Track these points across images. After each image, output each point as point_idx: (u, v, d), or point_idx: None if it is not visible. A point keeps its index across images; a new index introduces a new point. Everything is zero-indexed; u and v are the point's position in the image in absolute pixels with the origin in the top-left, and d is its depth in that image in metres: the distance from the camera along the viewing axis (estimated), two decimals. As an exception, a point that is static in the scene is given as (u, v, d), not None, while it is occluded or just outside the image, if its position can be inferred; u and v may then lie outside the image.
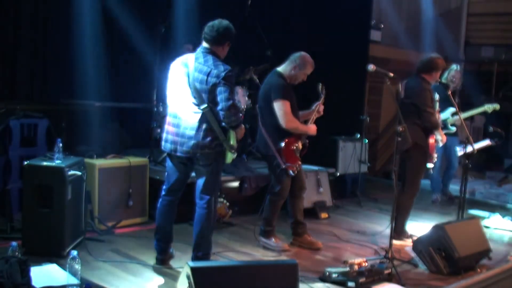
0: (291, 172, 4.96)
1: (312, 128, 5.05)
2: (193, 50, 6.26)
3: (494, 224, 6.35)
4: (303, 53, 5.05)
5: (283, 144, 4.91)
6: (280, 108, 4.87)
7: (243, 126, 4.22)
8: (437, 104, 5.67)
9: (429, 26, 10.93)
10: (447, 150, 7.15)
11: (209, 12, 7.39)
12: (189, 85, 4.09)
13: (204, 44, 4.18)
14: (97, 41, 6.53)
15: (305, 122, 5.13)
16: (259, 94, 5.20)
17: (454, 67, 7.17)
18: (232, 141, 4.14)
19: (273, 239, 5.11)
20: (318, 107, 5.15)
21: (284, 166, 4.92)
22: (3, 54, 5.72)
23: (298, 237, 5.23)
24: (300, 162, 5.04)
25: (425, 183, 9.40)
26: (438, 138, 5.45)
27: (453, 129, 6.95)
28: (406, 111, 5.21)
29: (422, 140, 5.34)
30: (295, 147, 4.95)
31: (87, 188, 4.86)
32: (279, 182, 5.02)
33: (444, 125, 6.96)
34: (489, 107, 7.33)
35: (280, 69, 5.09)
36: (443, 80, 7.15)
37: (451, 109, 6.87)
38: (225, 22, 4.21)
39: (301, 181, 5.19)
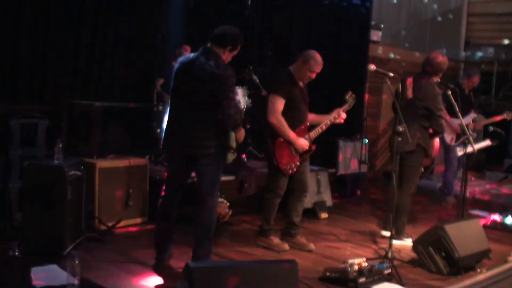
0: (284, 170, 4.90)
1: (298, 142, 4.89)
2: (190, 51, 6.30)
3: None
4: (311, 50, 4.99)
5: (277, 141, 4.87)
6: (271, 101, 4.86)
7: (243, 129, 4.23)
8: None
9: (429, 26, 10.94)
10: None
11: (209, 12, 7.44)
12: (191, 85, 4.09)
13: (208, 44, 4.18)
14: (97, 41, 6.53)
15: (313, 127, 5.07)
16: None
17: (474, 71, 7.28)
18: (232, 142, 4.14)
19: (273, 239, 5.09)
20: (338, 114, 5.10)
21: (275, 163, 4.88)
22: (3, 54, 5.72)
23: (290, 237, 5.17)
24: (298, 163, 4.98)
25: (424, 183, 9.41)
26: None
27: (473, 134, 6.91)
28: (414, 113, 5.21)
29: (426, 143, 5.36)
30: (292, 147, 4.91)
31: (87, 188, 4.86)
32: (273, 179, 5.00)
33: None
34: (508, 114, 7.37)
35: (291, 67, 5.04)
36: (463, 84, 7.18)
37: (472, 115, 6.92)
38: (235, 29, 4.25)
39: (303, 183, 5.12)
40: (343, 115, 5.15)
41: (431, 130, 5.42)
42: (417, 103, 5.31)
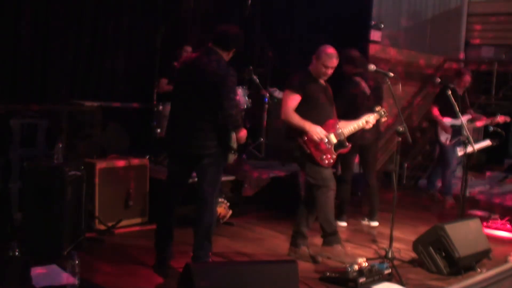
0: (320, 163, 4.58)
1: (312, 129, 4.54)
2: (192, 51, 6.30)
3: None
4: (324, 45, 4.75)
5: (308, 135, 4.58)
6: (283, 98, 4.74)
7: (244, 129, 4.22)
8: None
9: (429, 26, 10.94)
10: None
11: (210, 12, 7.45)
12: (192, 85, 4.09)
13: (211, 45, 4.18)
14: (97, 41, 6.54)
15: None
16: None
17: (463, 70, 7.26)
18: (232, 143, 4.15)
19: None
20: (369, 119, 4.94)
21: (314, 157, 4.57)
22: (3, 54, 5.72)
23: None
24: (335, 156, 4.67)
25: (424, 183, 9.38)
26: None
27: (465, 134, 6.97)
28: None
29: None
30: (327, 139, 4.62)
31: (87, 188, 4.86)
32: (315, 174, 4.61)
33: (459, 130, 7.00)
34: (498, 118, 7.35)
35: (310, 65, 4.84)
36: (455, 85, 7.17)
37: (467, 116, 6.95)
38: (236, 30, 4.23)
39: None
40: (372, 121, 4.96)
41: None
42: (376, 97, 5.68)
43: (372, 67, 4.79)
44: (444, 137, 7.15)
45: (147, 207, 5.57)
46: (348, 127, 4.83)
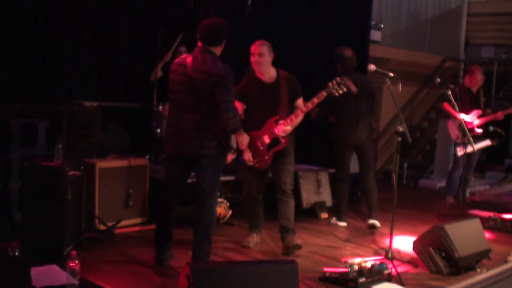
0: (257, 163, 4.78)
1: (242, 139, 4.33)
2: (187, 52, 6.29)
3: None
4: None
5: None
6: None
7: (245, 134, 4.21)
8: None
9: (429, 26, 10.94)
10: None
11: (209, 11, 7.44)
12: (189, 86, 4.09)
13: (201, 44, 4.17)
14: (97, 40, 6.53)
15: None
16: None
17: (474, 69, 7.21)
18: (232, 142, 4.14)
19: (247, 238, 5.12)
20: (312, 103, 4.80)
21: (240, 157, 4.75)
22: (3, 54, 5.72)
23: (282, 242, 4.95)
24: (267, 157, 4.78)
25: (424, 183, 9.40)
26: None
27: (479, 130, 6.92)
28: (365, 109, 5.28)
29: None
30: (260, 141, 4.77)
31: (87, 188, 4.86)
32: (242, 176, 5.12)
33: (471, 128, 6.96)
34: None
35: None
36: (468, 84, 7.13)
37: (476, 112, 6.92)
38: (220, 21, 4.19)
39: (281, 183, 4.88)
40: (314, 102, 4.80)
41: None
42: (365, 98, 5.76)
43: (372, 67, 4.79)
44: (455, 135, 7.02)
45: (147, 207, 5.57)
46: (284, 121, 4.77)
